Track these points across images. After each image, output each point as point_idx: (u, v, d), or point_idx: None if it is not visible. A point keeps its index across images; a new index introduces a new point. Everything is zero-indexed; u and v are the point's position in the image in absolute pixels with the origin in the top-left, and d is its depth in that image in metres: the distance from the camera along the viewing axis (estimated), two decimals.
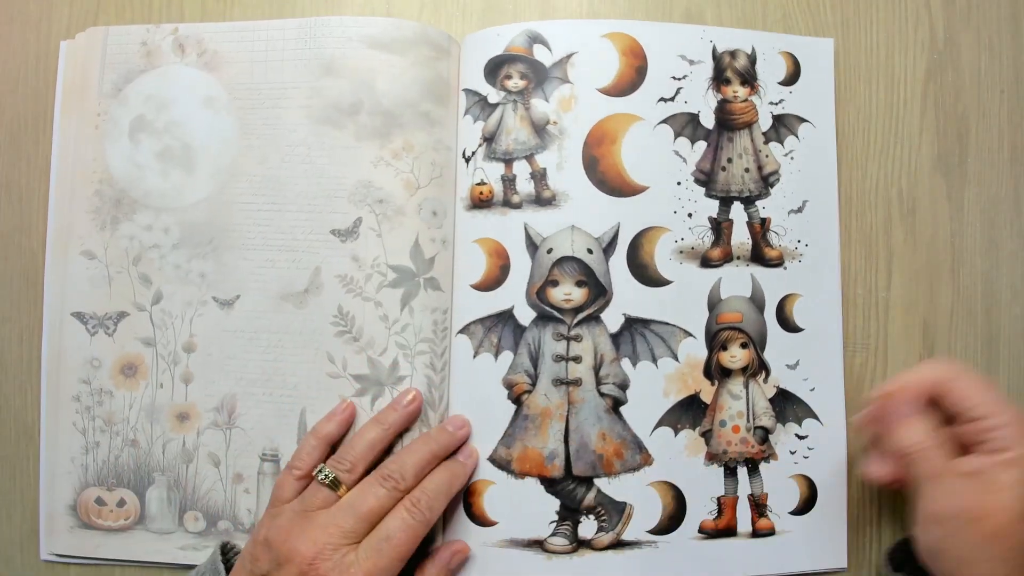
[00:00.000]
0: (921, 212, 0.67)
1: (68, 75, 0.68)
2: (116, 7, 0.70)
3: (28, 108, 0.70)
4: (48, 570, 0.67)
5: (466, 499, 0.63)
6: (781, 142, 0.65)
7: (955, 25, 0.68)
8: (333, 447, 0.61)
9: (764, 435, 0.64)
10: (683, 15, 0.68)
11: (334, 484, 0.57)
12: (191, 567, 0.64)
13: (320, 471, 0.58)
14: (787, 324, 0.64)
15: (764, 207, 0.65)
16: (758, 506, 0.63)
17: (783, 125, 0.66)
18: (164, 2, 0.69)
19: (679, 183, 0.64)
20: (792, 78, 0.66)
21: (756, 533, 0.63)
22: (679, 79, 0.65)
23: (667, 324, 0.63)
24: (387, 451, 0.61)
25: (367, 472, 0.59)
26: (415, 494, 0.57)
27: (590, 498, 0.62)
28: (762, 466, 0.64)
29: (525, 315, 0.63)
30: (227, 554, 0.60)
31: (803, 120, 0.66)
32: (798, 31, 0.68)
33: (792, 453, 0.64)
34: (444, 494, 0.59)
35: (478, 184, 0.64)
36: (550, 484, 0.63)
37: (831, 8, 0.68)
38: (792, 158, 0.65)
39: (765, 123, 0.65)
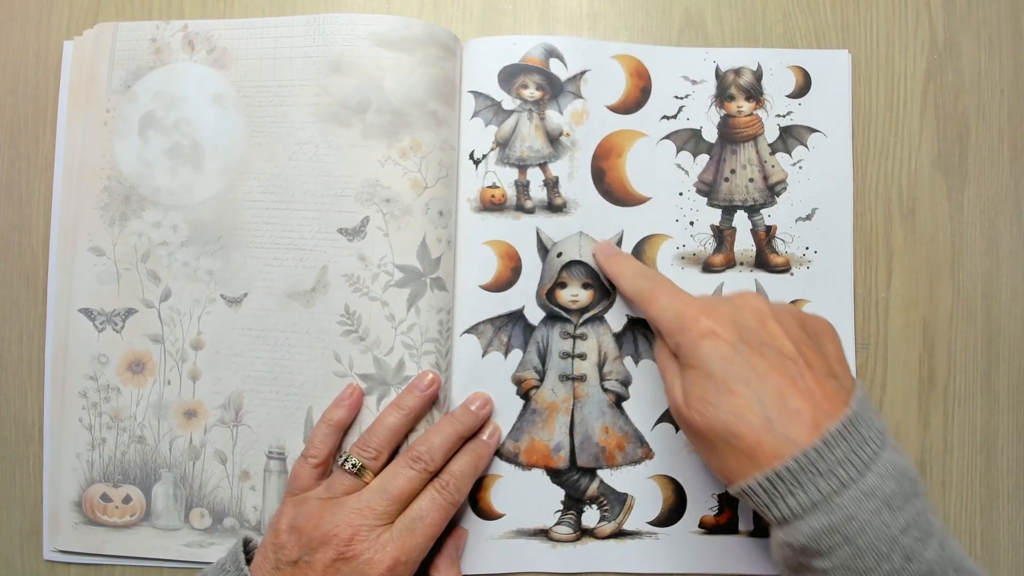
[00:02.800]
0: (921, 212, 0.68)
1: (75, 72, 0.69)
2: (116, 7, 0.71)
3: (28, 108, 0.71)
4: (49, 570, 0.68)
5: (473, 496, 0.66)
6: (789, 152, 0.68)
7: (955, 25, 0.70)
8: (344, 432, 0.63)
9: None
10: (683, 16, 0.70)
11: (361, 471, 0.59)
12: (196, 564, 0.66)
13: (346, 459, 0.60)
14: None
15: (769, 215, 0.68)
16: None
17: (791, 136, 0.68)
18: (164, 1, 0.71)
19: (681, 194, 0.68)
20: (802, 91, 0.69)
21: (758, 532, 0.66)
22: (681, 98, 0.69)
23: None
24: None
25: (390, 457, 0.62)
26: (443, 478, 0.60)
27: (593, 488, 0.66)
28: None
29: (535, 315, 0.67)
30: (247, 549, 0.61)
31: (813, 130, 0.69)
32: (799, 32, 0.70)
33: None
34: (470, 476, 0.62)
35: (490, 187, 0.67)
36: (555, 475, 0.66)
37: (831, 9, 0.70)
38: (800, 167, 0.68)
39: (771, 135, 0.69)
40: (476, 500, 0.66)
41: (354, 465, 0.60)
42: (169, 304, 0.67)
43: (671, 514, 0.66)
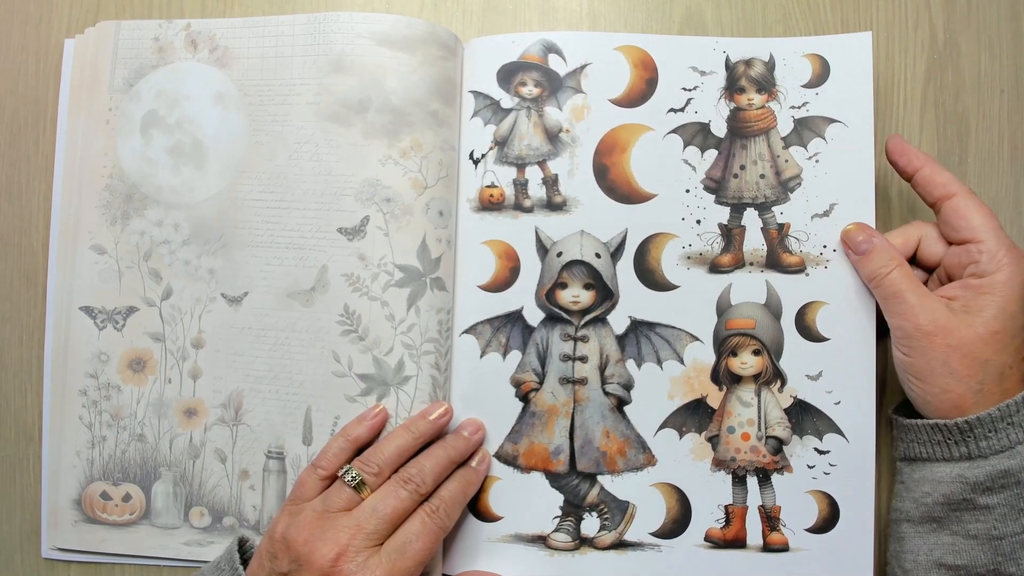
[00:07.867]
0: (921, 212, 0.70)
1: (77, 69, 0.73)
2: (116, 6, 0.75)
3: (28, 107, 0.75)
4: (48, 568, 0.72)
5: (471, 497, 0.68)
6: (804, 146, 0.68)
7: (955, 25, 0.72)
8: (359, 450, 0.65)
9: (778, 445, 0.67)
10: (683, 15, 0.73)
11: (360, 486, 0.62)
12: (195, 563, 0.70)
13: (347, 472, 0.62)
14: (808, 333, 0.67)
15: (782, 212, 0.68)
16: (770, 519, 0.67)
17: (807, 128, 0.68)
18: (164, 1, 0.75)
19: (687, 191, 0.69)
20: (819, 79, 0.69)
21: (767, 547, 0.67)
22: (689, 90, 0.70)
23: (673, 328, 0.68)
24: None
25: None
26: (434, 502, 0.63)
27: (593, 494, 0.68)
28: (775, 477, 0.67)
29: (534, 316, 0.69)
30: (243, 548, 0.64)
31: (833, 121, 0.68)
32: (799, 31, 0.72)
33: (810, 467, 0.67)
34: (460, 502, 0.65)
35: (488, 187, 0.70)
36: (555, 479, 0.68)
37: (831, 8, 0.73)
38: (817, 161, 0.68)
39: (785, 128, 0.69)
40: (474, 501, 0.68)
41: (354, 478, 0.62)
42: (170, 303, 0.71)
43: (675, 525, 0.68)
